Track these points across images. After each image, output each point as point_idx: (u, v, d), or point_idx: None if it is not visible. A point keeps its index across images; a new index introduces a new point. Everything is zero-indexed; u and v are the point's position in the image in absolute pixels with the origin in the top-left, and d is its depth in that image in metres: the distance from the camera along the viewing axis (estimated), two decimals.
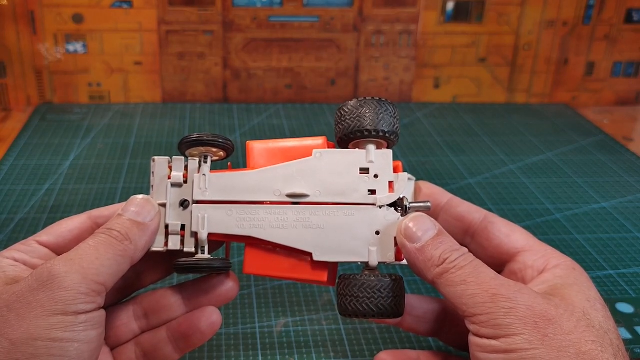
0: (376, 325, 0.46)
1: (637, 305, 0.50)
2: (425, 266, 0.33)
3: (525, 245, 0.38)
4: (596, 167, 0.73)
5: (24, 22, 0.79)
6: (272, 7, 0.83)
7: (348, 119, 0.36)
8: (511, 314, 0.30)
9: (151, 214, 0.34)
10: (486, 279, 0.32)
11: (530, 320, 0.30)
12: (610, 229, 0.60)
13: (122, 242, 0.33)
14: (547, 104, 0.92)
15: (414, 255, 0.34)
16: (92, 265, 0.31)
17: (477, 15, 0.86)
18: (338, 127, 0.36)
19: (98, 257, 0.31)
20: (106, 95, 0.85)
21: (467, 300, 0.32)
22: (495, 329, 0.31)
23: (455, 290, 0.32)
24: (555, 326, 0.30)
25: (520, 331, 0.30)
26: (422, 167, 0.71)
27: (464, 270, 0.33)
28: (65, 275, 0.30)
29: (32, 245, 0.35)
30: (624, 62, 0.91)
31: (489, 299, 0.31)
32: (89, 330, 0.30)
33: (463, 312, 0.32)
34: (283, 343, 0.44)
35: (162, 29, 0.82)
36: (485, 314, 0.31)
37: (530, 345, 0.30)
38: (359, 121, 0.35)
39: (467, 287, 0.32)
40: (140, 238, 0.33)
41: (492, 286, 0.32)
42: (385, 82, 0.88)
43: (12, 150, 0.71)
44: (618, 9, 0.87)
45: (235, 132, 0.78)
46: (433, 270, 0.33)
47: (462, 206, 0.41)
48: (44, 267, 0.30)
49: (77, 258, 0.31)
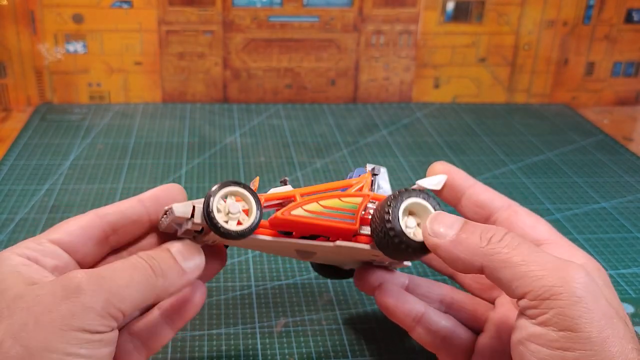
0: (376, 325, 0.46)
1: (637, 305, 0.50)
2: (469, 251, 0.31)
3: (549, 239, 0.36)
4: (596, 167, 0.73)
5: (24, 22, 0.79)
6: (272, 7, 0.83)
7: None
8: (581, 304, 0.28)
9: (194, 266, 0.34)
10: (549, 259, 0.30)
11: (596, 315, 0.28)
12: (610, 229, 0.60)
13: (157, 277, 0.32)
14: (547, 104, 0.92)
15: (453, 248, 0.32)
16: (120, 291, 0.30)
17: (477, 15, 0.86)
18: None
19: (129, 284, 0.30)
20: (106, 95, 0.85)
21: (530, 283, 0.29)
22: (560, 319, 0.28)
23: (515, 272, 0.30)
24: (613, 327, 0.28)
25: (586, 328, 0.28)
26: (422, 167, 0.71)
27: (521, 249, 0.30)
28: (91, 294, 0.29)
29: (44, 243, 0.34)
30: (624, 62, 0.91)
31: (559, 282, 0.29)
32: (103, 348, 0.30)
33: (522, 295, 0.30)
34: (283, 343, 0.44)
35: (162, 29, 0.82)
36: (554, 299, 0.29)
37: (590, 347, 0.28)
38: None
39: (529, 269, 0.30)
40: (174, 283, 0.33)
41: (559, 267, 0.29)
42: (385, 82, 0.88)
43: (12, 150, 0.71)
44: (618, 9, 0.87)
45: (235, 132, 0.78)
46: (481, 252, 0.31)
47: (485, 193, 0.39)
48: (73, 277, 0.30)
49: (108, 278, 0.30)
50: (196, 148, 0.74)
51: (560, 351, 0.29)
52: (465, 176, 0.41)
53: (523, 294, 0.30)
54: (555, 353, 0.29)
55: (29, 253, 0.33)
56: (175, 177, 0.67)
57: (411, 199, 0.35)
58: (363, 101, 0.89)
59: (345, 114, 0.85)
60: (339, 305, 0.48)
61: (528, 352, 0.30)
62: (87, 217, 0.36)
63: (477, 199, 0.39)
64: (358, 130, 0.80)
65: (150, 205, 0.37)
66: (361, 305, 0.49)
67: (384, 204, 0.35)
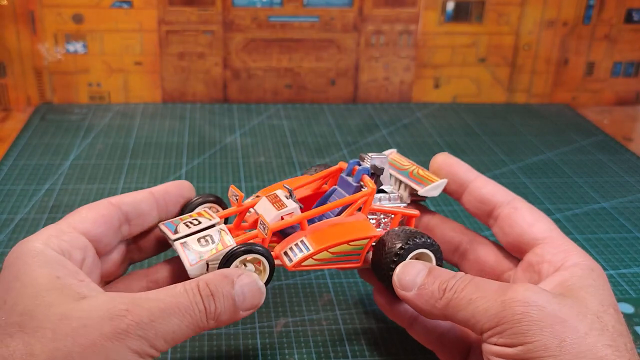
0: (376, 325, 0.46)
1: (637, 305, 0.50)
2: (430, 304, 0.33)
3: (547, 237, 0.37)
4: (596, 167, 0.73)
5: (24, 22, 0.79)
6: (272, 7, 0.83)
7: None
8: (525, 319, 0.30)
9: (250, 312, 0.33)
10: (491, 289, 0.32)
11: (545, 323, 0.30)
12: (610, 229, 0.60)
13: (209, 321, 0.31)
14: (547, 104, 0.92)
15: (416, 301, 0.34)
16: (167, 335, 0.29)
17: (477, 15, 0.86)
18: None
19: (177, 330, 0.30)
20: (106, 95, 0.85)
21: (480, 317, 0.31)
22: (512, 338, 0.30)
23: (466, 313, 0.32)
24: (571, 329, 0.29)
25: (537, 337, 0.29)
26: (422, 167, 0.71)
27: (467, 290, 0.32)
28: (137, 339, 0.28)
29: (71, 233, 0.33)
30: (624, 62, 0.91)
31: (501, 307, 0.30)
32: None
33: (480, 330, 0.31)
34: (283, 343, 0.44)
35: (162, 29, 0.82)
36: (501, 325, 0.30)
37: (547, 352, 0.29)
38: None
39: (476, 305, 0.31)
40: (224, 321, 0.32)
41: (499, 293, 0.31)
42: (385, 82, 0.88)
43: (12, 150, 0.71)
44: (618, 9, 0.87)
45: (235, 132, 0.78)
46: (438, 305, 0.33)
47: (487, 187, 0.40)
48: (123, 316, 0.28)
49: (157, 322, 0.29)
50: (196, 148, 0.74)
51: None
52: (467, 169, 0.41)
53: (480, 329, 0.31)
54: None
55: (62, 246, 0.32)
56: (175, 177, 0.67)
57: (419, 250, 0.37)
58: (363, 101, 0.89)
59: (345, 114, 0.85)
60: (339, 305, 0.48)
61: None
62: (105, 206, 0.35)
63: (479, 194, 0.40)
64: (358, 130, 0.80)
65: (160, 199, 0.38)
66: (361, 305, 0.49)
67: (394, 249, 0.37)
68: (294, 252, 0.36)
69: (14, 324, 0.28)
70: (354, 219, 0.39)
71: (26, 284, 0.29)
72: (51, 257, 0.31)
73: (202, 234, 0.35)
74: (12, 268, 0.30)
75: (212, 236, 0.35)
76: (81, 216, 0.34)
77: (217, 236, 0.35)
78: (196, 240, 0.35)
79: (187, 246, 0.34)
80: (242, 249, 0.34)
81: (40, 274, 0.30)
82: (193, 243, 0.35)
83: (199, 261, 0.34)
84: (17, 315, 0.28)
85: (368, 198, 0.39)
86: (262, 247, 0.34)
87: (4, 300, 0.29)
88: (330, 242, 0.36)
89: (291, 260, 0.36)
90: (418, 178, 0.43)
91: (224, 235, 0.35)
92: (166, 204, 0.38)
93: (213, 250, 0.34)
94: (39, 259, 0.30)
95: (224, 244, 0.35)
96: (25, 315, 0.28)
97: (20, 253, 0.31)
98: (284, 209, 0.37)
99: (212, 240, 0.35)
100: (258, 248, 0.34)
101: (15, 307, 0.29)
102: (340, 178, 0.41)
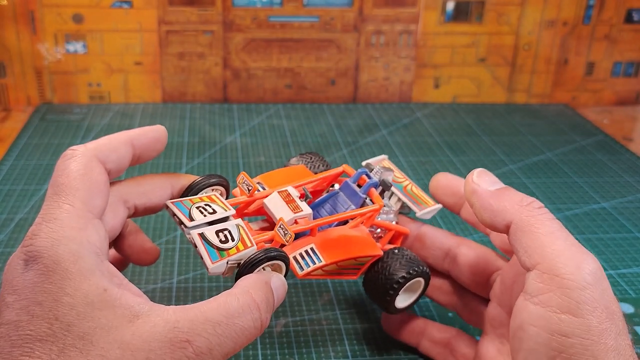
0: (376, 325, 0.46)
1: (637, 305, 0.50)
2: (503, 207, 0.32)
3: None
4: (596, 167, 0.73)
5: (24, 22, 0.79)
6: (272, 7, 0.83)
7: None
8: (588, 291, 0.29)
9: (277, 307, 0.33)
10: (572, 244, 0.31)
11: (605, 309, 0.29)
12: (610, 229, 0.60)
13: (240, 338, 0.30)
14: (547, 104, 0.92)
15: (487, 197, 0.33)
16: (221, 358, 0.29)
17: (477, 15, 0.86)
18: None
19: (232, 351, 0.29)
20: (106, 95, 0.85)
21: (547, 255, 0.30)
22: (568, 302, 0.29)
23: (536, 240, 0.31)
24: (614, 323, 0.29)
25: (590, 317, 0.28)
26: (422, 167, 0.71)
27: (552, 225, 0.31)
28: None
29: (97, 225, 0.31)
30: (624, 62, 0.91)
31: (573, 265, 0.29)
32: None
33: (535, 264, 0.30)
34: (283, 343, 0.44)
35: (162, 29, 0.82)
36: (565, 280, 0.29)
37: (590, 337, 0.28)
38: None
39: (551, 242, 0.30)
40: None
41: (578, 254, 0.30)
42: (385, 82, 0.88)
43: (12, 150, 0.71)
44: (618, 9, 0.87)
45: (235, 132, 0.78)
46: (516, 210, 0.32)
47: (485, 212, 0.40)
48: (185, 348, 0.28)
49: (216, 348, 0.29)
50: (196, 148, 0.74)
51: (558, 336, 0.28)
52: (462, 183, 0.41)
53: (535, 263, 0.30)
54: (554, 338, 0.29)
55: (92, 240, 0.30)
56: None
57: (418, 279, 0.40)
58: (363, 101, 0.89)
59: (345, 114, 0.85)
60: (339, 305, 0.48)
61: (527, 337, 0.30)
62: (101, 172, 0.35)
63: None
64: (358, 130, 0.80)
65: (137, 147, 0.39)
66: (361, 305, 0.49)
67: (396, 277, 0.38)
68: (305, 261, 0.36)
69: (71, 346, 0.27)
70: (359, 232, 0.39)
71: (78, 301, 0.28)
72: (91, 263, 0.29)
73: (219, 227, 0.35)
74: (53, 277, 0.28)
75: (230, 232, 0.34)
76: (96, 196, 0.33)
77: (236, 233, 0.34)
78: (214, 234, 0.34)
79: (205, 239, 0.34)
80: (268, 255, 0.33)
81: (89, 288, 0.28)
82: (211, 236, 0.34)
83: (220, 259, 0.33)
84: (77, 339, 0.27)
85: (373, 214, 0.40)
86: (284, 254, 0.34)
87: (55, 316, 0.27)
88: (340, 256, 0.37)
89: (302, 269, 0.36)
90: (413, 197, 0.43)
91: (243, 233, 0.35)
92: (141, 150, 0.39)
93: (233, 250, 0.34)
94: (81, 266, 0.29)
95: (244, 244, 0.34)
96: (85, 340, 0.27)
97: (59, 259, 0.28)
98: (300, 212, 0.37)
99: (232, 237, 0.34)
100: (282, 255, 0.34)
101: (71, 328, 0.27)
102: (345, 184, 0.41)
